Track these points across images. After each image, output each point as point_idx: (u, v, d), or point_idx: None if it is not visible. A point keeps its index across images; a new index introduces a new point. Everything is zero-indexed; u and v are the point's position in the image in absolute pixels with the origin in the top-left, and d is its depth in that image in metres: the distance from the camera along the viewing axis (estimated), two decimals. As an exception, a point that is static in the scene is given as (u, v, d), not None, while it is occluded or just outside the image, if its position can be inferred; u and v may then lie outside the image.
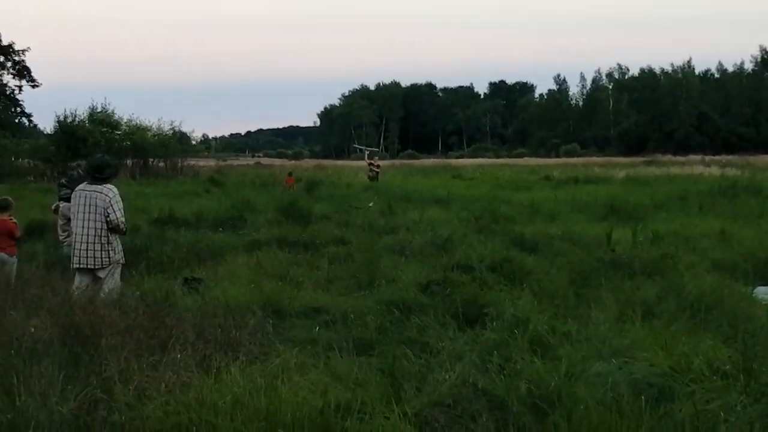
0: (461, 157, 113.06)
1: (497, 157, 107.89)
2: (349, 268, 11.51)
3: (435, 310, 8.31)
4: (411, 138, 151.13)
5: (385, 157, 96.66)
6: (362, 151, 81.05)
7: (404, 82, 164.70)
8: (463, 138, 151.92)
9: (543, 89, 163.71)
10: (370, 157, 44.17)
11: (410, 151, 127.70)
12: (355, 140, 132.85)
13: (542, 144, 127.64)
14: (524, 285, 9.76)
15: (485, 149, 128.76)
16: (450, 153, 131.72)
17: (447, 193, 27.80)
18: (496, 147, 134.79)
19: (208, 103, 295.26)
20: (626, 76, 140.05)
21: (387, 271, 10.88)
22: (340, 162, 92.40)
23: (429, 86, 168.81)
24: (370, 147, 79.44)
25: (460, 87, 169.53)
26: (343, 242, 14.33)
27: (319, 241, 14.29)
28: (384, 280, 10.17)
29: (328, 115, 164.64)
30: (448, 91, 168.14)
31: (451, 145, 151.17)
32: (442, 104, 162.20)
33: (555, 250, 12.94)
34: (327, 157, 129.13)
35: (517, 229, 15.80)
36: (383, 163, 50.78)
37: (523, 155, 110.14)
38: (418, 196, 26.61)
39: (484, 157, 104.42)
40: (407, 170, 56.88)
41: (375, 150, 73.65)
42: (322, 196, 27.64)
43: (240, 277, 10.78)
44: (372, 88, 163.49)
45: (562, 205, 22.81)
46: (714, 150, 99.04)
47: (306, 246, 13.94)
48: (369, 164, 40.58)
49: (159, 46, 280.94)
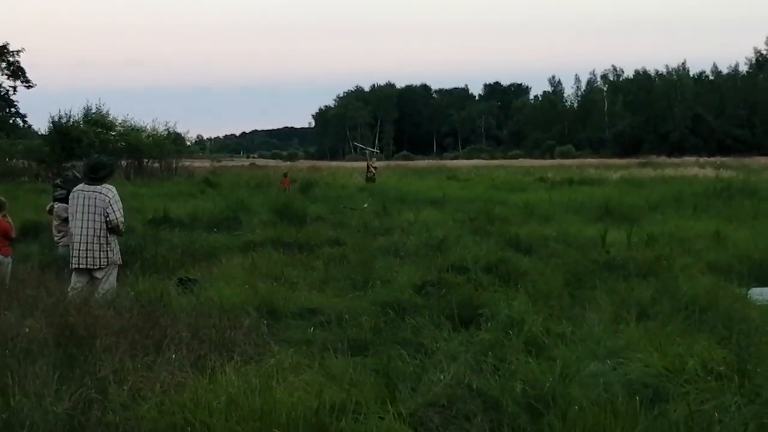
0: (456, 158, 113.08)
1: (492, 158, 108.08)
2: (344, 268, 11.51)
3: (430, 311, 8.31)
4: (406, 139, 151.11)
5: (381, 159, 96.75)
6: (363, 149, 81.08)
7: (399, 84, 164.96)
8: (458, 139, 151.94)
9: (538, 91, 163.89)
10: (370, 158, 44.29)
11: (405, 153, 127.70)
12: (350, 141, 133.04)
13: (537, 145, 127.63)
14: (519, 286, 9.77)
15: (480, 150, 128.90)
16: (445, 154, 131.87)
17: (442, 194, 27.81)
18: (491, 148, 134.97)
19: (202, 104, 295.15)
20: (621, 78, 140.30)
21: (382, 271, 10.89)
22: (335, 163, 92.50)
23: (424, 87, 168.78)
24: (371, 148, 79.58)
25: (455, 88, 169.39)
26: (338, 243, 14.31)
27: (314, 242, 14.27)
28: (379, 281, 10.17)
29: (322, 116, 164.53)
30: (442, 93, 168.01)
31: (446, 146, 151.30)
32: (437, 105, 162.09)
33: (550, 251, 12.97)
34: (322, 158, 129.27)
35: (512, 230, 15.80)
36: (379, 165, 50.84)
37: (518, 157, 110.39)
38: (413, 197, 26.64)
39: (479, 159, 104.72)
40: (402, 171, 56.86)
41: (376, 152, 73.81)
42: (317, 197, 27.65)
43: (235, 277, 10.76)
44: (367, 89, 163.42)
45: (556, 206, 22.85)
46: (708, 152, 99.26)
47: (301, 247, 13.91)
48: (368, 165, 40.77)
49: (153, 47, 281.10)
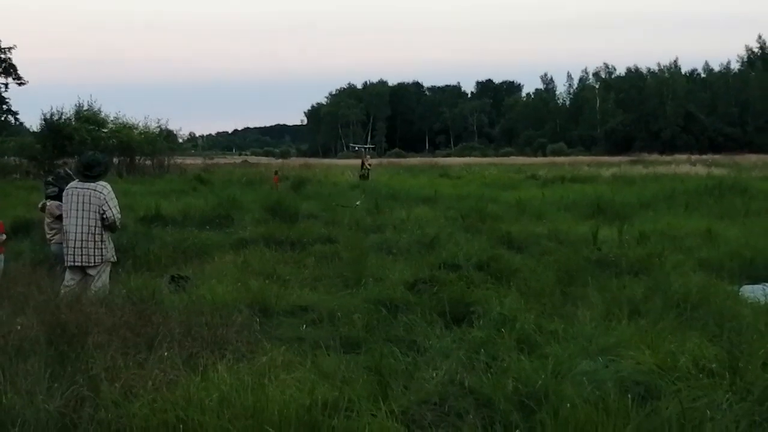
0: (448, 155, 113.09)
1: (484, 156, 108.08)
2: (336, 266, 11.52)
3: (422, 309, 8.32)
4: (398, 137, 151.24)
5: (373, 156, 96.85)
6: (358, 149, 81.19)
7: (391, 81, 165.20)
8: (450, 137, 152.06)
9: (530, 88, 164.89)
10: (365, 155, 44.34)
11: (397, 150, 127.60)
12: (342, 138, 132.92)
13: (529, 143, 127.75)
14: (511, 283, 9.80)
15: (472, 148, 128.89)
16: (437, 152, 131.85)
17: (434, 191, 27.79)
18: (483, 146, 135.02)
19: (195, 101, 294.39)
20: (613, 76, 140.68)
21: (374, 269, 10.91)
22: (327, 160, 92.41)
23: (416, 85, 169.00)
24: (366, 146, 79.74)
25: (447, 86, 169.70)
26: (330, 241, 14.31)
27: (306, 240, 14.26)
28: (371, 279, 10.19)
29: (315, 114, 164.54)
30: (435, 90, 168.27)
31: (438, 143, 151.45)
32: (429, 103, 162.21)
33: (542, 249, 12.99)
34: (314, 155, 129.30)
35: (504, 227, 15.80)
36: (372, 162, 50.89)
37: (509, 154, 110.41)
38: (405, 195, 26.59)
39: (471, 156, 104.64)
40: (394, 169, 56.78)
41: (371, 148, 74.05)
42: (309, 194, 27.60)
43: (227, 275, 10.75)
44: (359, 86, 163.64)
45: (548, 203, 22.84)
46: (700, 149, 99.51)
47: (293, 244, 13.91)
48: (362, 162, 40.85)
49: (146, 45, 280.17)
